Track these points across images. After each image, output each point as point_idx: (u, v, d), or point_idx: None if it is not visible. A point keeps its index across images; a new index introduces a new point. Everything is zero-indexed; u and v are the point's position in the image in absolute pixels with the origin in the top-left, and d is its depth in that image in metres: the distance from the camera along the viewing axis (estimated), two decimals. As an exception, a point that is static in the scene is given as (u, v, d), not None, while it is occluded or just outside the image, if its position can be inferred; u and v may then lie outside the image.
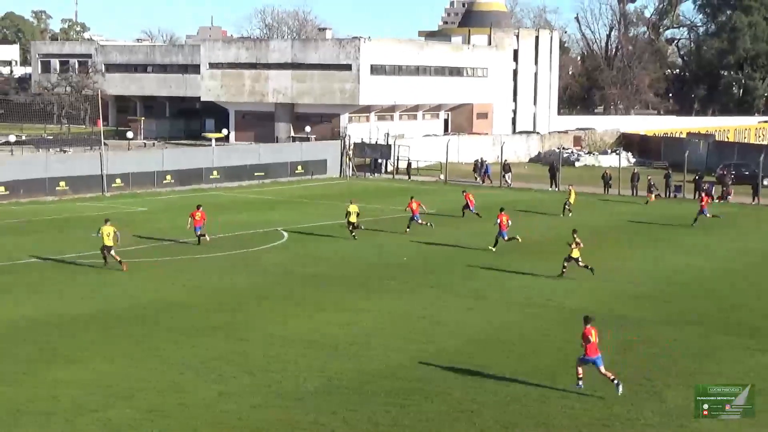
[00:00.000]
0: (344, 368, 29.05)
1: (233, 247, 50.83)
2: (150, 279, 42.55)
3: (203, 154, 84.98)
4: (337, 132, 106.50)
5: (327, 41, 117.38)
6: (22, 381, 27.49)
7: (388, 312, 36.49)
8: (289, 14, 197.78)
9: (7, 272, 43.73)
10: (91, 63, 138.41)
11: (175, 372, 28.51)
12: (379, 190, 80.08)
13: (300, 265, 45.88)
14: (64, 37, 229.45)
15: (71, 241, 51.83)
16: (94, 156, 78.26)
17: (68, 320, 34.84)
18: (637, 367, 29.32)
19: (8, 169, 70.61)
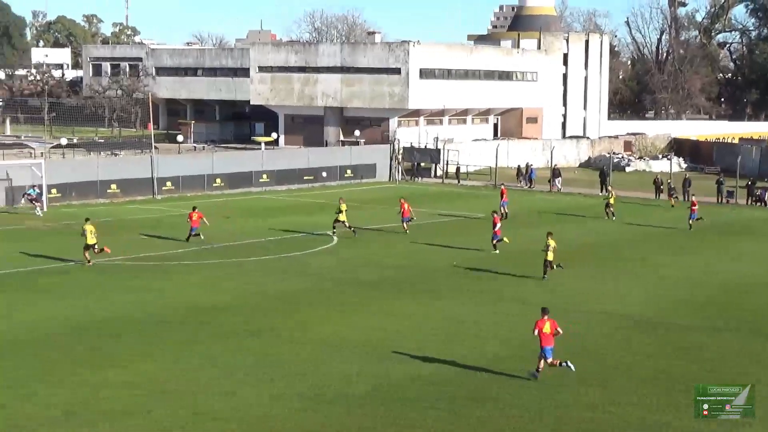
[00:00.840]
0: (393, 373, 29.01)
1: (282, 250, 50.98)
2: (199, 282, 42.75)
3: (253, 158, 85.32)
4: (386, 136, 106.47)
5: (376, 45, 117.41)
6: (70, 382, 27.68)
7: (437, 317, 36.43)
8: (339, 18, 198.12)
9: (58, 273, 44.13)
10: (142, 66, 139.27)
11: (223, 375, 28.60)
12: (427, 194, 80.00)
13: (349, 269, 45.93)
14: (115, 40, 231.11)
15: (121, 244, 52.19)
16: (144, 159, 78.79)
17: (117, 322, 35.07)
18: (689, 373, 29.11)
19: (60, 172, 71.18)
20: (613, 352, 31.88)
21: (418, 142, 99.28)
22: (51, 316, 35.80)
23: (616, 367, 29.92)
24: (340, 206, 55.65)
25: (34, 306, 37.50)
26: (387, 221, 61.02)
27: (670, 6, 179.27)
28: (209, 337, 33.07)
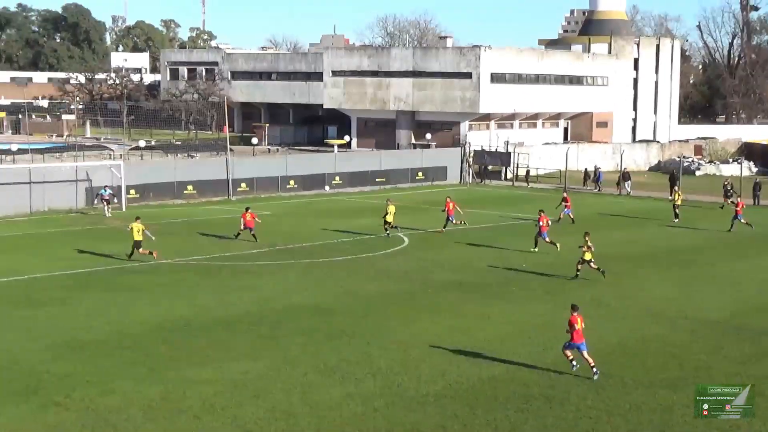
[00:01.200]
0: (465, 372, 29.06)
1: (356, 251, 51.19)
2: (276, 282, 43.04)
3: (326, 160, 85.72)
4: (457, 139, 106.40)
5: (447, 49, 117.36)
6: (153, 379, 28.06)
7: (508, 318, 36.39)
8: (411, 23, 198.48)
9: (141, 273, 44.69)
10: (218, 71, 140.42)
11: (300, 373, 28.81)
12: (498, 196, 79.86)
13: (421, 270, 46.00)
14: (192, 45, 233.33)
15: (197, 244, 52.73)
16: (220, 161, 79.47)
17: (199, 321, 35.45)
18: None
19: (139, 173, 72.11)
20: (692, 354, 31.60)
21: (489, 145, 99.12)
22: (132, 315, 36.26)
23: (696, 370, 29.68)
24: (388, 208, 56.15)
25: (115, 305, 38.01)
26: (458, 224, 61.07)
27: (743, 10, 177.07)
28: (288, 336, 33.30)
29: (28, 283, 42.19)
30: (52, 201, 65.65)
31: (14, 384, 27.48)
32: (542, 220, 51.14)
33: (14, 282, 42.25)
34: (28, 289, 40.67)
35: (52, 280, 42.92)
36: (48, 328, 34.04)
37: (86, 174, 68.40)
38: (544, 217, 51.39)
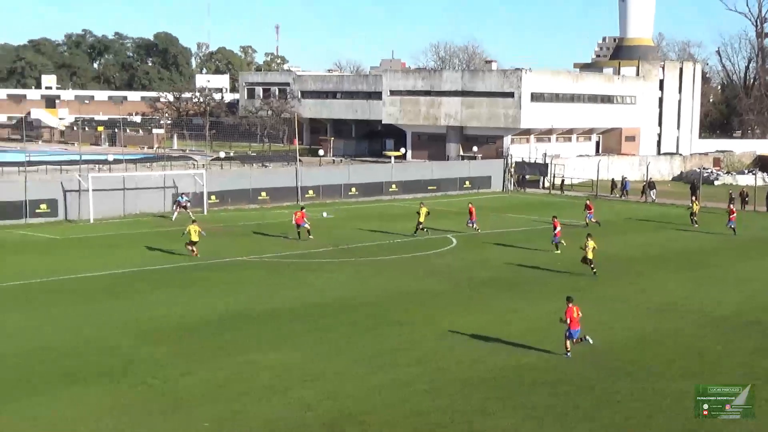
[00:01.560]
0: (501, 360, 28.95)
1: (408, 250, 51.13)
2: (335, 278, 43.12)
3: (383, 170, 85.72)
4: (500, 152, 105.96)
5: (493, 72, 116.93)
6: (222, 363, 28.21)
7: (539, 312, 36.15)
8: (460, 48, 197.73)
9: (215, 269, 44.94)
10: (289, 90, 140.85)
11: (353, 359, 28.84)
12: (536, 203, 79.40)
13: (464, 269, 45.85)
14: (267, 68, 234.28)
15: (270, 243, 52.95)
16: (290, 170, 79.69)
17: (264, 311, 35.60)
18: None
19: (218, 181, 72.51)
20: (705, 347, 31.22)
21: (529, 157, 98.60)
22: (205, 306, 36.49)
23: (709, 361, 29.34)
24: (420, 209, 56.54)
25: (191, 297, 38.29)
26: (500, 226, 60.85)
27: (758, 37, 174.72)
28: (342, 326, 33.35)
29: (119, 276, 42.59)
30: (143, 205, 66.19)
31: (104, 366, 27.77)
32: (556, 226, 50.88)
33: (107, 275, 42.68)
34: (120, 282, 41.06)
35: (139, 274, 43.31)
36: (134, 317, 34.36)
37: (173, 182, 68.91)
38: (557, 223, 51.15)
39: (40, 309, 35.62)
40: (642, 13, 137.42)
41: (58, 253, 49.44)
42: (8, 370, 27.32)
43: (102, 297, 37.97)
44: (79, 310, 35.48)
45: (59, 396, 25.00)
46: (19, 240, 54.19)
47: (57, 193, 63.04)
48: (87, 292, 39.03)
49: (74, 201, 63.31)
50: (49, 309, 35.66)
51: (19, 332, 31.88)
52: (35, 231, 57.59)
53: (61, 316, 34.58)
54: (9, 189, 61.70)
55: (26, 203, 61.26)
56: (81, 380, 26.34)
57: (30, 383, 26.04)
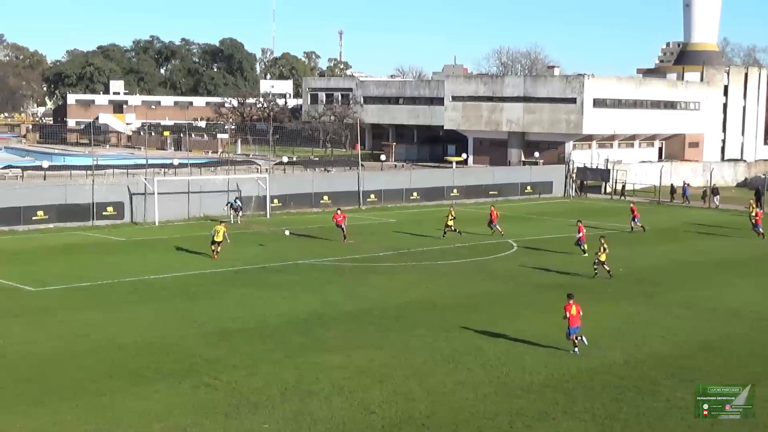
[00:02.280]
0: (564, 364, 28.66)
1: (470, 255, 50.92)
2: (397, 281, 43.05)
3: (445, 175, 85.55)
4: (562, 157, 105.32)
5: (555, 78, 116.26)
6: (289, 365, 28.24)
7: (603, 316, 35.78)
8: (523, 54, 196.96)
9: (280, 272, 45.10)
10: (352, 96, 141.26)
11: (419, 362, 28.73)
12: (598, 208, 78.65)
13: (527, 273, 45.52)
14: (330, 73, 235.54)
15: (332, 247, 53.01)
16: (352, 175, 79.83)
17: (329, 314, 35.62)
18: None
19: (282, 185, 72.81)
20: (767, 353, 30.72)
21: (591, 162, 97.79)
22: (272, 308, 36.61)
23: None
24: (451, 213, 57.33)
25: (257, 299, 38.43)
26: (560, 231, 60.37)
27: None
28: (407, 328, 33.25)
29: (186, 278, 42.89)
30: (207, 208, 66.66)
31: (171, 366, 27.94)
32: (581, 230, 50.78)
33: (174, 277, 43.02)
34: (186, 284, 41.37)
35: (205, 276, 43.59)
36: (201, 318, 34.58)
37: (236, 185, 69.36)
38: (581, 227, 51.07)
39: (111, 309, 35.98)
40: (707, 18, 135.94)
41: (126, 255, 49.97)
42: (79, 368, 27.60)
43: (169, 298, 38.28)
44: (148, 311, 35.79)
45: (126, 394, 25.18)
46: (87, 242, 54.88)
47: (123, 196, 63.76)
48: (155, 293, 39.39)
49: (140, 204, 63.99)
50: (120, 309, 36.00)
51: (90, 331, 32.21)
52: (102, 233, 58.31)
53: (131, 316, 34.89)
54: (77, 192, 62.53)
55: (93, 206, 62.05)
56: (147, 379, 26.53)
57: (98, 381, 26.27)
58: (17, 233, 57.52)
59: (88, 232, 58.75)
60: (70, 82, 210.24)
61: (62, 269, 44.90)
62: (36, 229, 58.83)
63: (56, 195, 61.49)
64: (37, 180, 79.01)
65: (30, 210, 59.60)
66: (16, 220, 58.89)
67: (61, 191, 62.12)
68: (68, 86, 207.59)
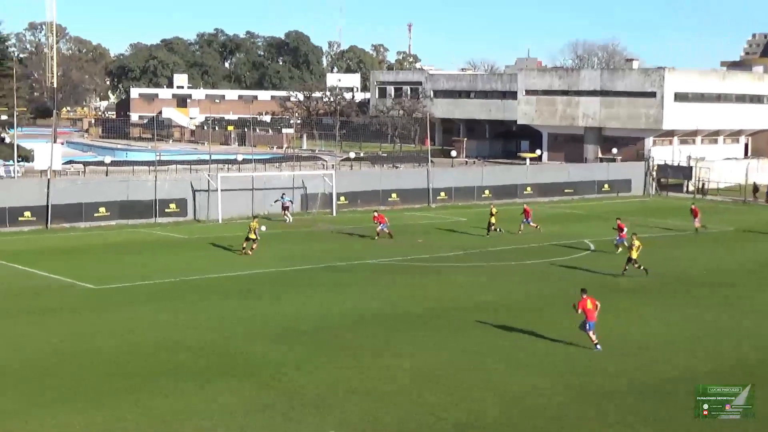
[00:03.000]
0: (645, 371, 28.27)
1: (542, 255, 50.57)
2: (465, 281, 42.90)
3: (518, 172, 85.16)
4: (641, 154, 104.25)
5: (633, 71, 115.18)
6: (353, 366, 28.25)
7: (688, 322, 35.25)
8: (600, 46, 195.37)
9: (345, 271, 45.20)
10: (421, 89, 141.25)
11: (487, 364, 28.55)
12: (679, 207, 77.55)
13: (602, 276, 44.96)
14: (399, 66, 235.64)
15: (400, 246, 52.98)
16: (421, 172, 79.79)
17: (395, 314, 35.58)
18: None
19: (348, 182, 73.00)
20: None
21: (672, 159, 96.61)
22: (335, 308, 36.66)
23: None
24: (492, 211, 57.58)
25: (321, 299, 38.51)
26: (639, 232, 59.69)
27: None
28: (475, 329, 33.07)
29: (249, 278, 43.17)
30: (272, 206, 66.93)
31: (233, 367, 28.10)
32: (623, 228, 50.82)
33: (236, 277, 43.30)
34: (249, 284, 41.63)
35: (268, 275, 43.84)
36: (263, 318, 34.75)
37: (302, 182, 69.67)
38: (622, 225, 51.16)
39: (172, 308, 36.30)
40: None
41: (188, 253, 50.47)
42: (139, 367, 27.89)
43: (231, 297, 38.54)
44: (210, 310, 36.06)
45: (187, 395, 25.36)
46: (149, 239, 55.54)
47: (186, 192, 64.40)
48: (217, 292, 39.67)
49: (203, 201, 64.57)
50: (181, 308, 36.32)
51: (150, 329, 32.55)
52: (164, 230, 58.96)
53: (192, 315, 35.19)
54: (139, 188, 63.29)
55: (156, 202, 62.77)
56: (208, 379, 26.71)
57: (159, 380, 26.50)
58: (78, 230, 58.44)
59: (150, 229, 59.46)
60: (134, 76, 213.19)
61: (123, 267, 45.50)
62: (97, 225, 59.71)
63: (118, 191, 62.31)
64: (99, 176, 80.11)
65: (92, 206, 60.50)
66: (77, 217, 59.85)
67: (123, 187, 62.93)
68: (131, 80, 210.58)
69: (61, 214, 59.36)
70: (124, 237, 55.86)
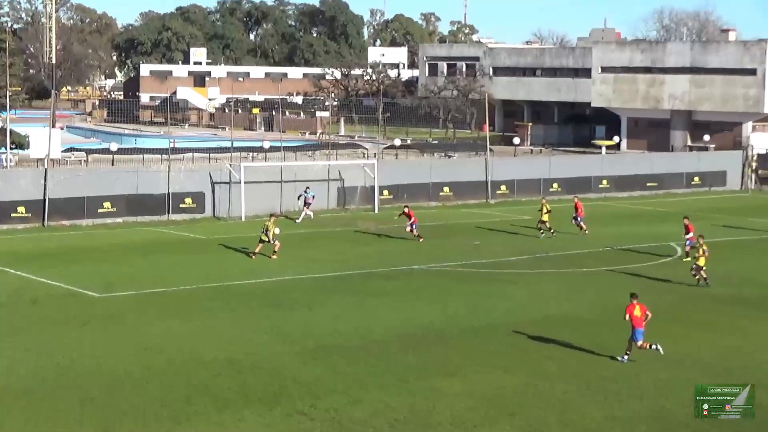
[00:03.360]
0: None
1: (622, 261, 50.23)
2: (533, 291, 42.72)
3: (592, 162, 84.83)
4: (738, 141, 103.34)
5: (729, 44, 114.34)
6: (401, 389, 28.13)
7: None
8: (689, 15, 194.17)
9: (391, 278, 45.12)
10: (479, 66, 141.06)
11: (559, 390, 28.33)
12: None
13: (690, 283, 44.52)
14: (453, 39, 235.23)
15: (453, 250, 52.83)
16: (478, 162, 79.64)
17: (450, 329, 35.43)
18: None
19: (393, 173, 72.96)
20: None
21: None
22: (380, 321, 36.60)
23: None
24: (544, 207, 56.90)
25: (362, 310, 38.45)
26: (736, 234, 59.20)
27: None
28: (544, 349, 32.82)
29: (277, 285, 43.27)
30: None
31: (259, 390, 28.07)
32: (690, 230, 50.16)
33: (263, 284, 43.41)
34: (277, 292, 41.73)
35: (300, 282, 43.90)
36: (295, 332, 34.73)
37: (339, 173, 69.72)
38: (691, 226, 50.45)
39: (188, 319, 36.42)
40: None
41: (206, 256, 50.64)
42: (151, 389, 27.92)
43: (257, 308, 38.59)
44: (232, 323, 36.14)
45: (206, 423, 25.36)
46: (161, 239, 55.79)
47: (204, 185, 64.64)
48: (240, 301, 39.73)
49: (224, 195, 64.77)
50: (199, 320, 36.43)
51: (164, 345, 32.59)
52: (179, 229, 59.20)
53: (211, 328, 35.22)
54: (150, 180, 63.51)
55: (169, 197, 62.98)
56: (230, 405, 26.69)
57: (173, 405, 26.52)
58: (80, 228, 58.83)
59: (162, 227, 59.76)
60: (144, 51, 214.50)
61: (131, 271, 45.73)
62: (102, 223, 60.10)
63: (126, 183, 62.62)
64: (104, 165, 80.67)
65: (95, 201, 60.88)
66: (78, 213, 60.25)
67: (132, 179, 63.20)
68: (141, 55, 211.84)
69: (60, 209, 59.77)
70: (133, 237, 56.14)
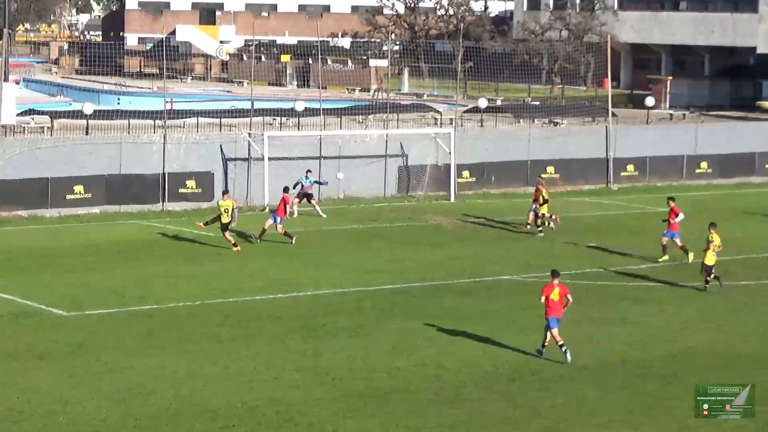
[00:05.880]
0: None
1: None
2: (672, 313, 43.02)
3: (757, 133, 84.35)
4: None
5: None
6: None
7: None
8: None
9: (467, 294, 45.41)
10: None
11: None
12: None
13: None
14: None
15: (559, 253, 52.89)
16: (596, 131, 79.39)
17: (554, 368, 35.49)
18: None
19: (474, 147, 73.11)
20: None
21: None
22: (453, 356, 36.68)
23: None
24: (542, 192, 56.86)
25: (429, 339, 38.64)
26: None
27: None
28: (686, 395, 32.69)
29: (311, 301, 43.57)
30: (350, 184, 67.10)
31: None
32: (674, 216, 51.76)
33: (292, 300, 43.74)
34: (310, 311, 41.97)
35: (342, 298, 44.24)
36: (336, 369, 34.94)
37: (400, 147, 69.78)
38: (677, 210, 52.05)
39: (188, 349, 36.72)
40: None
41: (214, 262, 50.87)
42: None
43: (282, 334, 38.90)
44: (248, 354, 36.38)
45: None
46: (152, 237, 55.90)
47: (213, 162, 65.03)
48: (259, 324, 40.09)
49: (240, 175, 65.06)
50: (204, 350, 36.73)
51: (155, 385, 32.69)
52: (176, 223, 59.35)
53: (221, 362, 35.41)
54: (139, 156, 63.76)
55: (164, 178, 63.25)
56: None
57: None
58: (42, 221, 59.10)
59: (154, 220, 60.00)
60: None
61: (111, 282, 46.05)
62: (72, 214, 60.41)
63: (105, 160, 62.97)
64: (76, 134, 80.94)
65: (63, 184, 61.26)
66: (40, 201, 60.66)
67: (114, 153, 63.39)
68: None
69: (15, 195, 60.09)
70: (114, 233, 56.41)
